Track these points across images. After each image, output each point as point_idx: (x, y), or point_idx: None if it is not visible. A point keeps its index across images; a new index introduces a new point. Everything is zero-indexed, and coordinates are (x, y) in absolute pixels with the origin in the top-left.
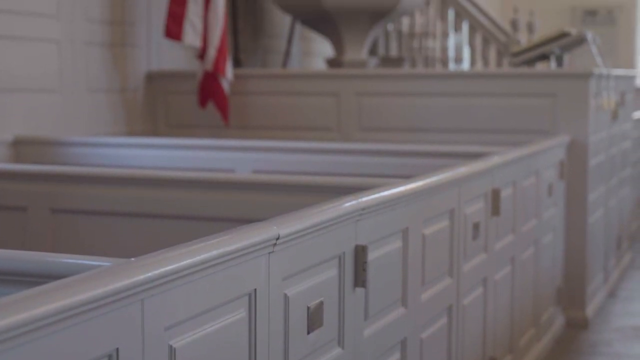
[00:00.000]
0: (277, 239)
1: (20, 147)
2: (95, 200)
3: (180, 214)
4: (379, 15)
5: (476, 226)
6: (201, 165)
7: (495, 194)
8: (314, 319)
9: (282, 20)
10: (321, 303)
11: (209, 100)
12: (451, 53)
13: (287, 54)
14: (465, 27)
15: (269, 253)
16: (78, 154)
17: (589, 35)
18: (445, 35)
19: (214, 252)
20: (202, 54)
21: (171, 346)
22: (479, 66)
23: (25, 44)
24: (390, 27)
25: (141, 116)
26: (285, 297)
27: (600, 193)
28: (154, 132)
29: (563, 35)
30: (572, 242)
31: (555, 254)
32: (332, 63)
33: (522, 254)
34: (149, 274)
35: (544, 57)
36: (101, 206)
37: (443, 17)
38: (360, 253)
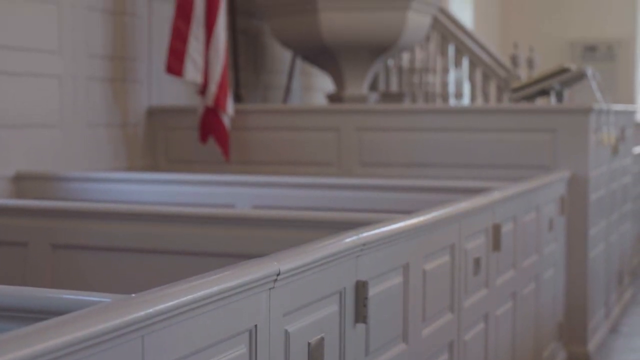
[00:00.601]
0: (278, 274)
1: (22, 182)
2: (95, 236)
3: (181, 249)
4: (379, 51)
5: (477, 261)
6: (201, 200)
7: (496, 230)
8: (315, 355)
9: (282, 56)
10: (322, 339)
11: (209, 135)
12: (451, 88)
13: (288, 89)
14: (465, 62)
15: (270, 289)
16: (79, 189)
17: (589, 71)
18: (445, 70)
19: (215, 289)
20: (203, 90)
21: None
22: (479, 102)
23: (27, 79)
24: (391, 62)
25: (142, 151)
26: (286, 333)
27: (601, 228)
28: (155, 167)
29: (563, 70)
30: (573, 278)
31: (556, 289)
32: (333, 98)
33: (523, 290)
34: (150, 310)
35: (544, 93)
36: (101, 242)
37: (443, 53)
38: (361, 289)
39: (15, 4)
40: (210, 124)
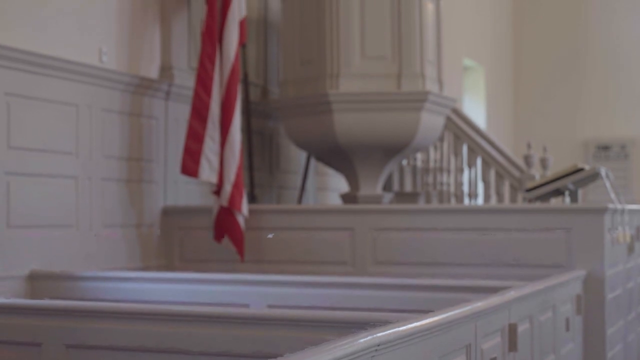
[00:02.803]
0: None
1: (36, 282)
2: (109, 336)
3: (195, 349)
4: (393, 152)
5: None
6: (216, 299)
7: (512, 329)
8: None
9: (297, 156)
10: None
11: (224, 235)
12: (465, 188)
13: (302, 189)
14: (479, 162)
15: None
16: (93, 288)
17: (603, 171)
18: (459, 170)
19: None
20: (218, 190)
21: None
22: (493, 201)
23: (43, 180)
24: (405, 162)
25: (156, 251)
26: None
27: (619, 328)
28: (169, 267)
29: (576, 170)
30: None
31: None
32: (347, 198)
33: None
34: None
35: (558, 193)
36: (115, 341)
37: (457, 153)
38: None
39: (33, 105)
40: (225, 224)
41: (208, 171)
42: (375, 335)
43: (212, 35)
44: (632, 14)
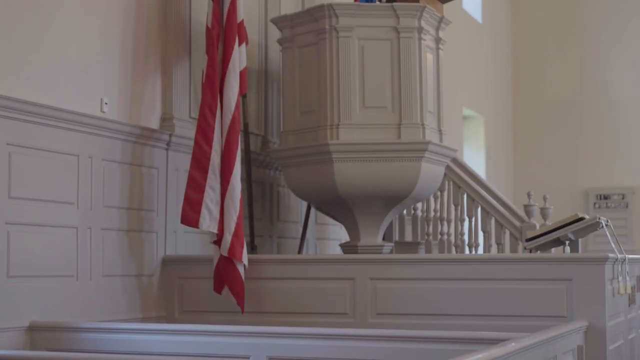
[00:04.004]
0: None
1: (35, 333)
2: None
3: None
4: (394, 201)
5: None
6: (216, 351)
7: None
8: None
9: (297, 206)
10: None
11: (224, 285)
12: (466, 238)
13: (303, 239)
14: (479, 212)
15: None
16: (92, 340)
17: (603, 220)
18: (459, 220)
19: None
20: (218, 240)
21: None
22: (494, 251)
23: (43, 230)
24: (405, 211)
25: (156, 302)
26: None
27: None
28: (169, 318)
29: (577, 220)
30: None
31: None
32: (347, 248)
33: None
34: None
35: (559, 242)
36: None
37: (457, 202)
38: None
39: (34, 155)
40: (225, 274)
41: (208, 221)
42: None
43: (213, 85)
44: (628, 64)
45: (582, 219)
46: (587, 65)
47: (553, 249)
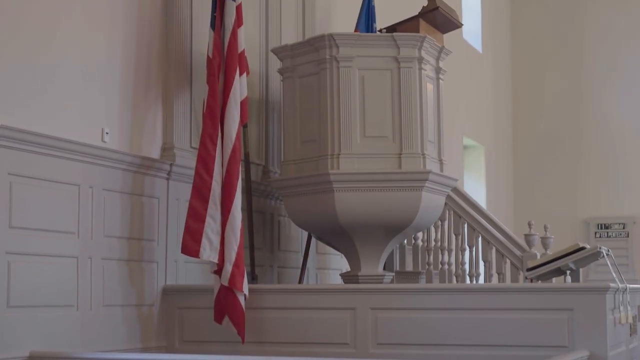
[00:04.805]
0: None
1: None
2: None
3: None
4: (394, 231)
5: None
6: None
7: None
8: None
9: (297, 235)
10: None
11: (225, 315)
12: (467, 267)
13: (303, 268)
14: (479, 241)
15: None
16: None
17: (604, 250)
18: (460, 249)
19: None
20: (219, 269)
21: None
22: (495, 280)
23: (44, 260)
24: (406, 241)
25: (156, 331)
26: None
27: None
28: (169, 348)
29: (578, 249)
30: None
31: None
32: (348, 278)
33: None
34: None
35: (560, 272)
36: None
37: (458, 232)
38: None
39: (35, 185)
40: (226, 304)
41: (209, 251)
42: None
43: (214, 115)
44: (628, 94)
45: (583, 248)
46: (586, 95)
47: (554, 279)
